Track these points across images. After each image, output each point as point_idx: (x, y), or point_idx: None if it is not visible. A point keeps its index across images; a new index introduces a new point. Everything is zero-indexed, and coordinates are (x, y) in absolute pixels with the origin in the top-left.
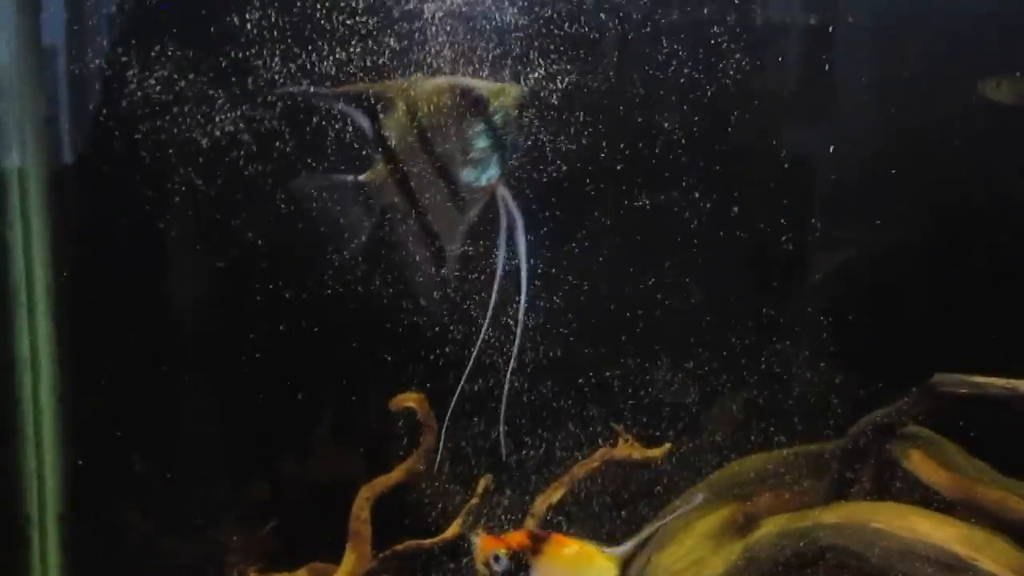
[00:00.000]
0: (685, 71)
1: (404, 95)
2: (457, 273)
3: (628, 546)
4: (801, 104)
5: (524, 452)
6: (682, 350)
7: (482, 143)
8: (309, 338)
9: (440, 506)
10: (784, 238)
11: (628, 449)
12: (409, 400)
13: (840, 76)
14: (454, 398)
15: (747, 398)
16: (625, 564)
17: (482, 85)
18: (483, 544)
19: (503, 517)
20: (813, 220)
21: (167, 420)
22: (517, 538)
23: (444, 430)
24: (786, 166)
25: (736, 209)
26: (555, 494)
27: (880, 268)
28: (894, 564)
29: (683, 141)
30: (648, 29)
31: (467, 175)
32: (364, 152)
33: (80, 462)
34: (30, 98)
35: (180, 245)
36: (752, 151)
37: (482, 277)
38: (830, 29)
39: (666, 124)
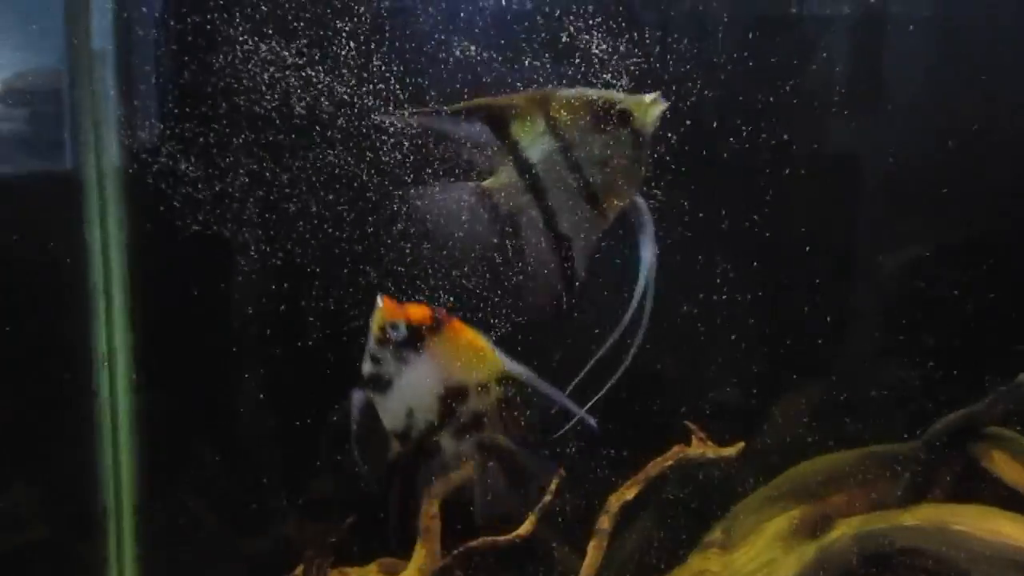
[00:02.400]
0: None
1: (539, 105)
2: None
3: (521, 369)
4: (863, 99)
5: (598, 449)
6: (746, 349)
7: (626, 152)
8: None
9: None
10: (851, 233)
11: (702, 447)
12: None
13: (911, 69)
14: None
15: (814, 398)
16: (504, 380)
17: (623, 97)
18: (385, 308)
19: (575, 515)
20: (880, 215)
21: (239, 414)
22: (420, 312)
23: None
24: (851, 161)
25: (802, 206)
26: (629, 492)
27: (955, 264)
28: (977, 568)
29: (745, 138)
30: None
31: (609, 184)
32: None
33: (156, 454)
34: (103, 99)
35: (252, 242)
36: (817, 146)
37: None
38: (894, 20)
39: (725, 124)
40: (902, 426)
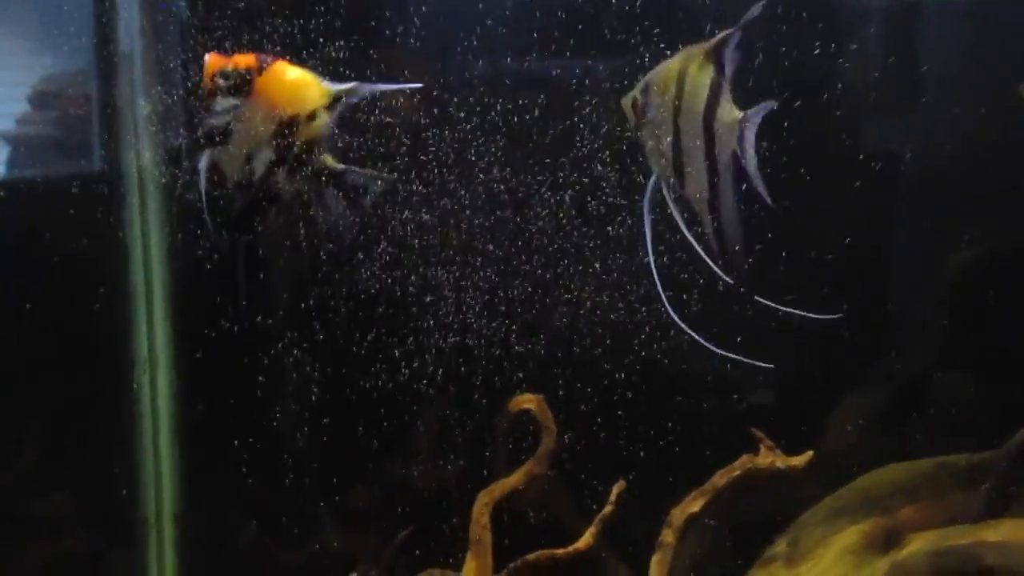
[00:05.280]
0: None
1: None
2: None
3: (348, 84)
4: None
5: (661, 459)
6: (807, 351)
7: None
8: (425, 338)
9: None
10: (919, 232)
11: (771, 457)
12: (527, 402)
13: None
14: None
15: (882, 403)
16: (332, 103)
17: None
18: (212, 61)
19: (638, 526)
20: (949, 214)
21: (283, 422)
22: (245, 59)
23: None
24: (906, 162)
25: (863, 205)
26: (695, 504)
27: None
28: None
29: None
30: None
31: None
32: None
33: (196, 462)
34: (145, 99)
35: (299, 246)
36: (868, 146)
37: None
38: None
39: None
40: (979, 435)
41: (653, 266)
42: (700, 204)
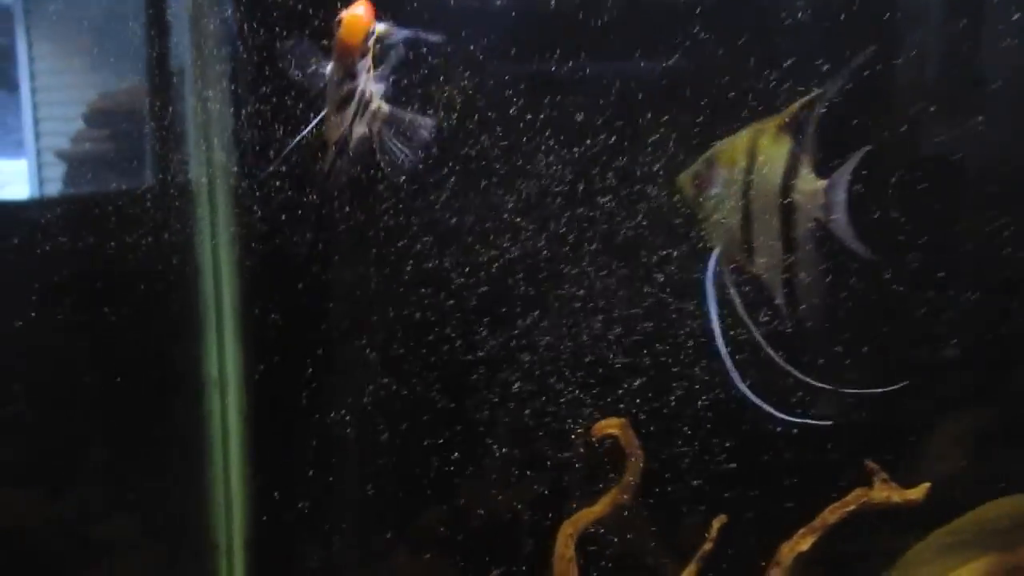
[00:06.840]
0: None
1: None
2: None
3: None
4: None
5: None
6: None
7: None
8: (503, 356)
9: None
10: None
11: (886, 490)
12: (611, 427)
13: None
14: None
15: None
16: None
17: None
18: (367, 18)
19: (739, 565)
20: None
21: (355, 446)
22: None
23: None
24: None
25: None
26: (804, 542)
27: None
28: None
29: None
30: None
31: None
32: None
33: (268, 487)
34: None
35: (372, 261)
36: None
37: None
38: None
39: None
40: None
41: (720, 342)
42: (772, 278)
